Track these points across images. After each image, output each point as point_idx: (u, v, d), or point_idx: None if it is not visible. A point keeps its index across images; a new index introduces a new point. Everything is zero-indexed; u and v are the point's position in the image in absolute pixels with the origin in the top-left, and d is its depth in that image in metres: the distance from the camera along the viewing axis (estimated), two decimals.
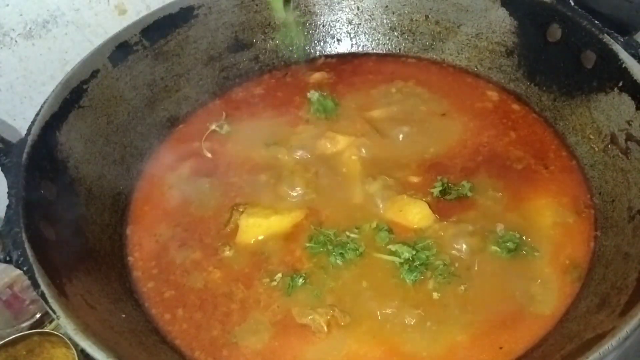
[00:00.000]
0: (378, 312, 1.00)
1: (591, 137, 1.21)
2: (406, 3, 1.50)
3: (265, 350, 0.98)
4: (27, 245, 0.89)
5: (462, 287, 1.02)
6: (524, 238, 1.08)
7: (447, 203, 1.15)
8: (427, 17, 1.49)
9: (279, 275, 1.07)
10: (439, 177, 1.20)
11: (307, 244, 1.10)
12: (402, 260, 1.04)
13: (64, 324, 0.83)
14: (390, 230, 1.11)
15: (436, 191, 1.17)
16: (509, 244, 1.07)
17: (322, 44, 1.58)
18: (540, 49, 1.32)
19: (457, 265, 1.05)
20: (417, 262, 1.04)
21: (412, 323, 0.98)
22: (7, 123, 1.45)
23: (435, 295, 1.01)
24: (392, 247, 1.07)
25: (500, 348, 0.95)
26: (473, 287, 1.02)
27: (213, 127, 1.37)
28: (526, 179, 1.20)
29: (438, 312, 1.00)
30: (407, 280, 1.03)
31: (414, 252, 1.05)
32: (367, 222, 1.13)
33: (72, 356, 1.14)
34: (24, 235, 0.90)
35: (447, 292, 1.02)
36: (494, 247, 1.07)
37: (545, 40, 1.29)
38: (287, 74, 1.54)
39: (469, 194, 1.16)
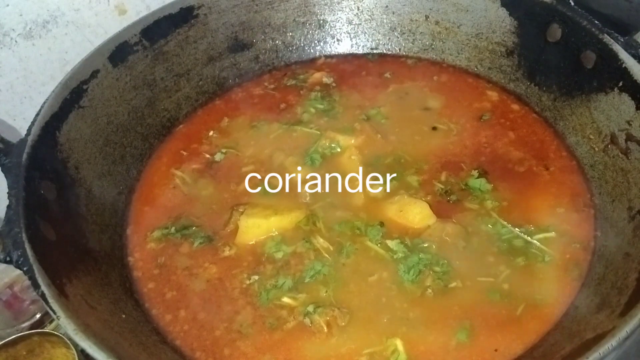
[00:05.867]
0: (377, 312, 1.00)
1: (591, 137, 1.21)
2: (406, 3, 1.50)
3: (265, 350, 0.98)
4: (27, 245, 0.89)
5: (460, 288, 1.02)
6: (524, 238, 1.08)
7: (447, 203, 1.15)
8: (427, 17, 1.49)
9: (279, 275, 1.07)
10: (439, 177, 1.20)
11: (307, 245, 1.10)
12: (399, 257, 1.05)
13: (64, 324, 0.83)
14: (382, 225, 1.11)
15: (437, 191, 1.17)
16: (509, 245, 1.07)
17: (322, 44, 1.58)
18: (540, 49, 1.32)
19: (455, 265, 1.05)
20: (415, 262, 1.04)
21: (410, 323, 0.98)
22: (7, 123, 1.45)
23: (433, 295, 1.01)
24: (391, 244, 1.07)
25: (496, 350, 0.95)
26: (471, 288, 1.02)
27: (212, 130, 1.37)
28: (527, 179, 1.20)
29: (435, 312, 1.00)
30: (405, 280, 1.03)
31: (409, 253, 1.05)
32: (367, 222, 1.13)
33: (72, 356, 1.14)
34: (24, 235, 0.90)
35: (445, 293, 1.02)
36: (494, 248, 1.07)
37: (545, 40, 1.29)
38: (287, 74, 1.54)
39: (470, 193, 1.16)
